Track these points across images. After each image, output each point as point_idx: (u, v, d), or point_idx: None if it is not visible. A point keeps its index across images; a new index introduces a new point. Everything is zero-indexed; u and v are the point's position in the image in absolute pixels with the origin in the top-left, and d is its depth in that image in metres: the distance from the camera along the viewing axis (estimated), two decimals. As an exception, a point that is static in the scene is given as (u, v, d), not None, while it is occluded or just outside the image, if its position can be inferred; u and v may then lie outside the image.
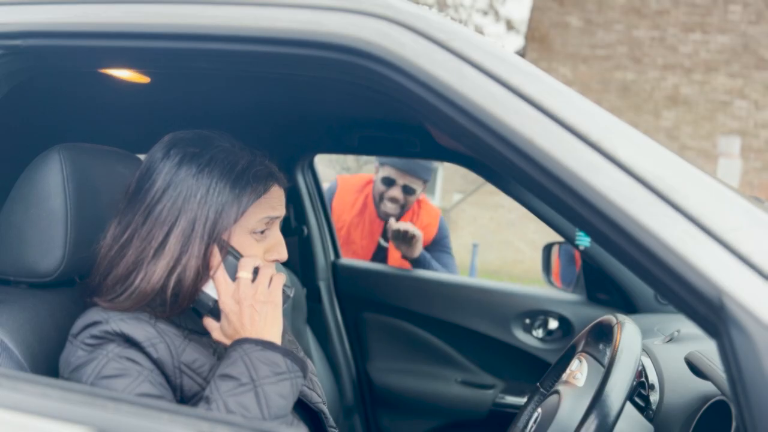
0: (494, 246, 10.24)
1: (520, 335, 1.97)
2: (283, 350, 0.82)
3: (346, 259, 2.21)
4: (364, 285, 2.09)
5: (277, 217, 0.90)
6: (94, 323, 0.81)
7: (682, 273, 0.58)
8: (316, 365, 1.84)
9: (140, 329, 0.81)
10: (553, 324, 1.96)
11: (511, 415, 1.72)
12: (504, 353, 1.98)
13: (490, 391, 1.93)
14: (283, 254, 0.90)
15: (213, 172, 0.85)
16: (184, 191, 0.84)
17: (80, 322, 0.82)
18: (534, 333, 1.97)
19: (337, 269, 2.12)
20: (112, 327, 0.80)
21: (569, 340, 1.87)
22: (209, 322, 0.87)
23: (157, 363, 0.80)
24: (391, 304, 2.02)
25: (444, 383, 1.96)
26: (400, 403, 2.00)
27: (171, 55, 0.79)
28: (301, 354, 1.04)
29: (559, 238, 1.90)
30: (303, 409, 0.97)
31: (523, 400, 1.71)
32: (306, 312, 1.92)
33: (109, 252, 0.85)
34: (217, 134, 0.91)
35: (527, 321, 1.97)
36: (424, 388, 1.97)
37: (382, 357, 2.04)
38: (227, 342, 0.85)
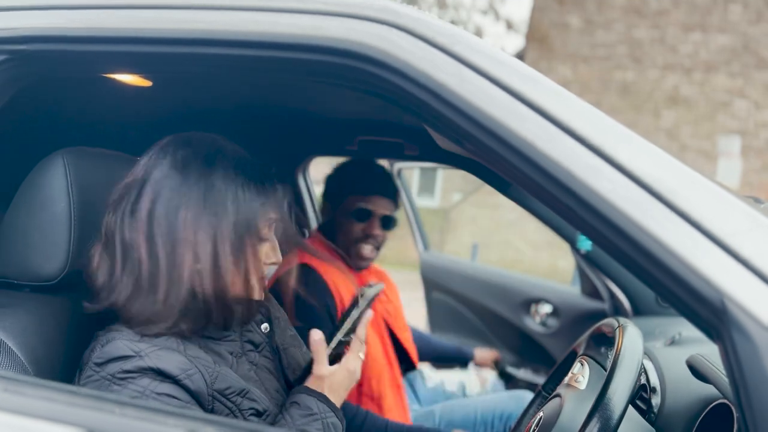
0: (494, 246, 10.23)
1: (526, 319, 2.32)
2: (342, 416, 0.91)
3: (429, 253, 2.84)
4: (440, 274, 2.75)
5: (276, 219, 0.91)
6: (125, 357, 0.77)
7: (683, 276, 0.58)
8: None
9: (173, 361, 0.78)
10: (547, 308, 2.31)
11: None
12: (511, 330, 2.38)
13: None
14: (279, 257, 0.91)
15: (238, 176, 0.84)
16: (216, 197, 0.82)
17: (106, 352, 0.78)
18: (536, 318, 2.33)
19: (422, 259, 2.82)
20: (146, 363, 0.76)
21: (561, 324, 2.22)
22: (323, 367, 0.92)
23: (193, 395, 0.78)
24: (454, 289, 2.66)
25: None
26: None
27: (173, 60, 0.80)
28: (304, 349, 1.05)
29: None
30: None
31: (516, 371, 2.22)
32: None
33: (133, 273, 0.81)
34: (208, 136, 0.89)
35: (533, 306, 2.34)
36: None
37: (441, 325, 2.75)
38: (319, 380, 0.92)
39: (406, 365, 1.72)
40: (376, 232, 1.53)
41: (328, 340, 0.96)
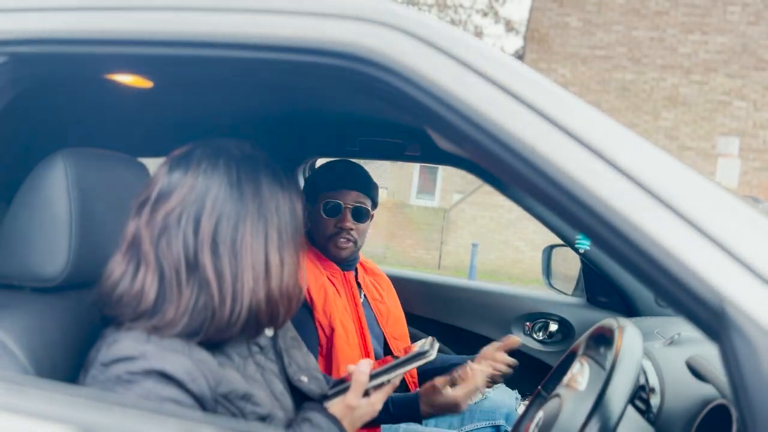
0: (494, 246, 10.24)
1: (521, 338, 1.98)
2: None
3: None
4: None
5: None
6: (130, 358, 0.76)
7: (682, 279, 0.58)
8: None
9: (178, 364, 0.77)
10: (553, 327, 1.98)
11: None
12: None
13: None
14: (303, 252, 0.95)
15: (276, 182, 0.86)
16: (266, 208, 0.84)
17: (111, 353, 0.77)
18: (535, 336, 2.00)
19: None
20: (151, 364, 0.76)
21: (570, 342, 1.90)
22: (357, 398, 0.93)
23: (197, 398, 0.78)
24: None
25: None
26: None
27: (174, 62, 0.80)
28: (304, 350, 1.06)
29: (558, 240, 1.91)
30: None
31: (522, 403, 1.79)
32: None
33: (167, 282, 0.80)
34: (240, 143, 0.90)
35: (528, 324, 2.00)
36: None
37: None
38: (347, 409, 0.93)
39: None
40: (348, 225, 1.55)
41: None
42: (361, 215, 1.57)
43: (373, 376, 0.94)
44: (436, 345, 0.99)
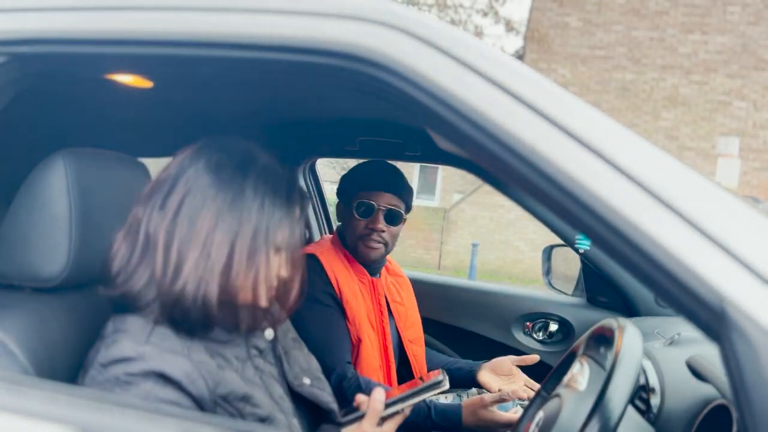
0: (494, 246, 10.24)
1: (521, 338, 1.99)
2: None
3: None
4: None
5: (295, 232, 0.91)
6: (129, 359, 0.76)
7: (682, 279, 0.58)
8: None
9: (177, 365, 0.77)
10: (553, 327, 1.99)
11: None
12: (504, 356, 1.99)
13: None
14: (290, 272, 0.92)
15: (267, 186, 0.86)
16: (243, 204, 0.83)
17: (110, 353, 0.78)
18: (535, 336, 2.00)
19: None
20: (150, 365, 0.76)
21: (570, 342, 1.91)
22: (372, 426, 0.93)
23: (196, 400, 0.78)
24: None
25: None
26: None
27: (174, 62, 0.80)
28: (305, 350, 1.05)
29: (558, 240, 1.91)
30: (315, 409, 1.00)
31: (522, 403, 1.76)
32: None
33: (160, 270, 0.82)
34: (244, 143, 0.90)
35: (528, 324, 2.00)
36: None
37: None
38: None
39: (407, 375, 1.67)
40: (380, 226, 1.54)
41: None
42: (394, 218, 1.56)
43: (387, 405, 0.96)
44: (447, 376, 1.04)
